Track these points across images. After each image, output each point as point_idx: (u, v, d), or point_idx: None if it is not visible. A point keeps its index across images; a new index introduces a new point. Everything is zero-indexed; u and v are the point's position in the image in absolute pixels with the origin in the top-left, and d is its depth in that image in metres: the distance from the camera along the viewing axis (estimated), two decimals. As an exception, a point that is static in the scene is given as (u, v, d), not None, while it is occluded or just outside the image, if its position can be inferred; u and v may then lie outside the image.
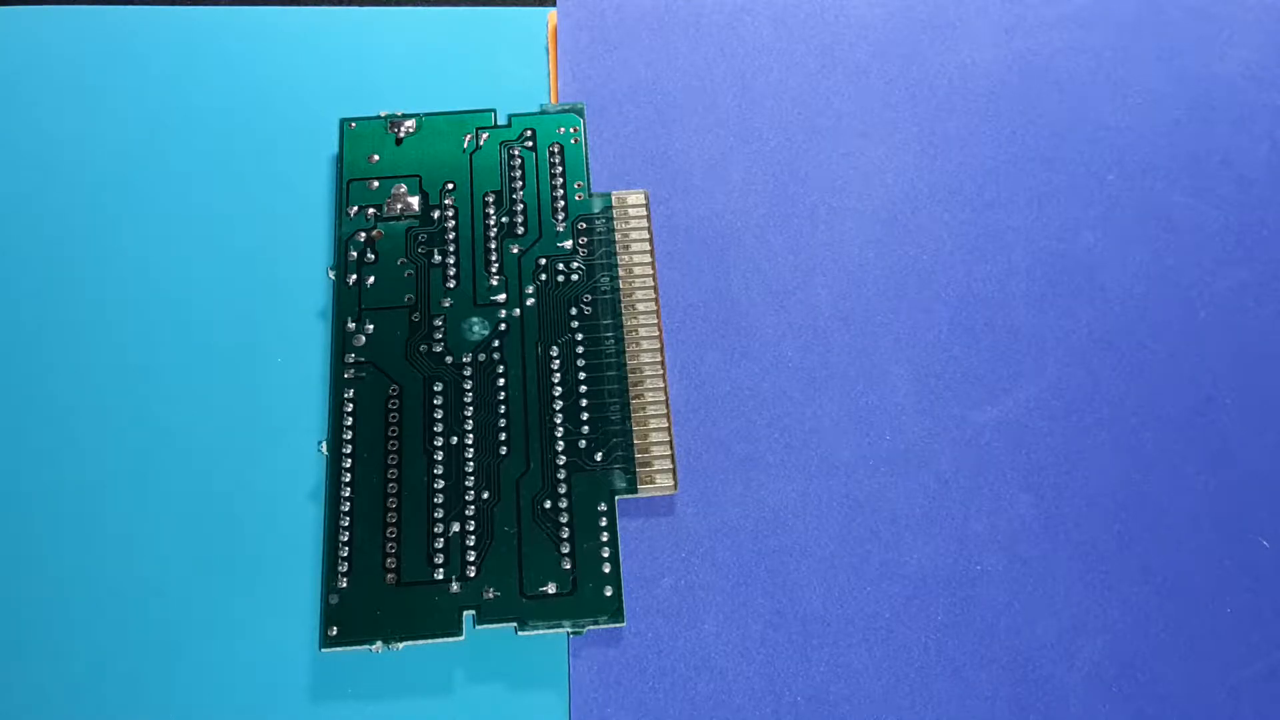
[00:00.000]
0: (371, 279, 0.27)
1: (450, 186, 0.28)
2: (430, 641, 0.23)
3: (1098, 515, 0.25)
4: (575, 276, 0.27)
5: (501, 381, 0.25)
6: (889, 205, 0.28)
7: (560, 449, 0.25)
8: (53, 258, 0.27)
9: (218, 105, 0.30)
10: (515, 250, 0.27)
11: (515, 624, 0.23)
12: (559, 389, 0.25)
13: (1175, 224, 0.28)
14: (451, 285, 0.26)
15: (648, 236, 0.27)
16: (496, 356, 0.26)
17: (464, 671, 0.23)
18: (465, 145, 0.28)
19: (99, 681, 0.23)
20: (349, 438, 0.25)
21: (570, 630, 0.23)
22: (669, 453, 0.25)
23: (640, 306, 0.26)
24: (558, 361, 0.26)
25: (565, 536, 0.24)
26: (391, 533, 0.24)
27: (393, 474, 0.24)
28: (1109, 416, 0.26)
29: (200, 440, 0.25)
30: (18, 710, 0.23)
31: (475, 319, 0.26)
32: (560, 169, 0.28)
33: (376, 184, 0.28)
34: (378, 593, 0.23)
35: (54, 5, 0.31)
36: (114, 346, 0.26)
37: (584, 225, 0.27)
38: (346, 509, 0.24)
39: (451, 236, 0.27)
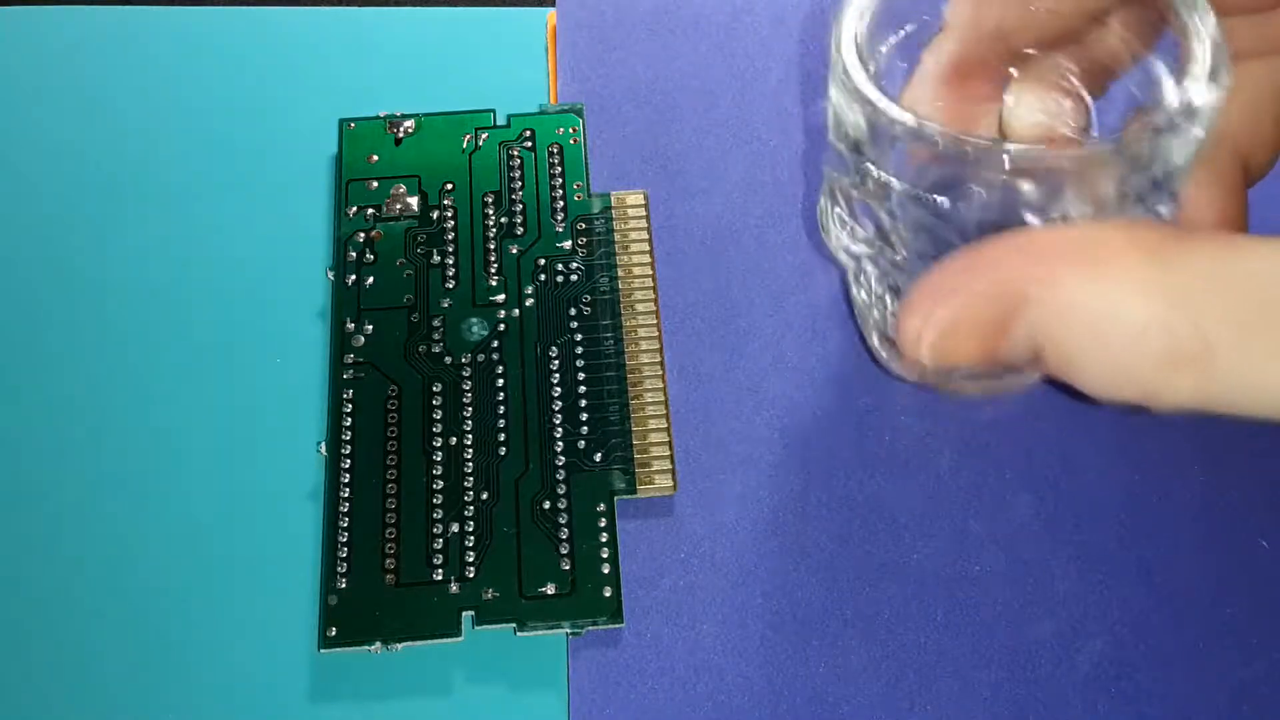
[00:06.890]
0: (370, 279, 0.27)
1: (449, 187, 0.28)
2: (429, 642, 0.23)
3: (1098, 515, 0.25)
4: (574, 277, 0.27)
5: (501, 382, 0.25)
6: (889, 205, 0.28)
7: (559, 450, 0.25)
8: (51, 258, 0.27)
9: (217, 105, 0.30)
10: (514, 251, 0.27)
11: (514, 625, 0.23)
12: (558, 389, 0.25)
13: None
14: (450, 286, 0.26)
15: (647, 237, 0.27)
16: (495, 357, 0.26)
17: (463, 672, 0.23)
18: (464, 145, 0.28)
19: (98, 681, 0.23)
20: (348, 438, 0.25)
21: (569, 631, 0.23)
22: (668, 453, 0.25)
23: (639, 307, 0.26)
24: (557, 362, 0.26)
25: (564, 537, 0.24)
26: (390, 533, 0.24)
27: (392, 475, 0.24)
28: (1109, 417, 0.26)
29: (199, 441, 0.26)
30: (17, 710, 0.23)
31: (474, 319, 0.26)
32: (559, 169, 0.28)
33: (375, 184, 0.28)
34: (377, 593, 0.23)
35: (54, 5, 0.31)
36: (113, 347, 0.26)
37: (583, 226, 0.27)
38: (345, 509, 0.24)
39: (451, 237, 0.27)
